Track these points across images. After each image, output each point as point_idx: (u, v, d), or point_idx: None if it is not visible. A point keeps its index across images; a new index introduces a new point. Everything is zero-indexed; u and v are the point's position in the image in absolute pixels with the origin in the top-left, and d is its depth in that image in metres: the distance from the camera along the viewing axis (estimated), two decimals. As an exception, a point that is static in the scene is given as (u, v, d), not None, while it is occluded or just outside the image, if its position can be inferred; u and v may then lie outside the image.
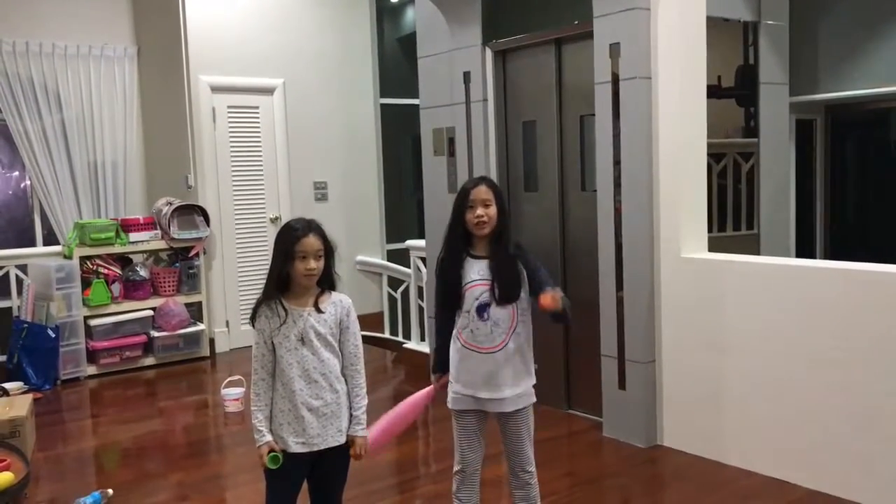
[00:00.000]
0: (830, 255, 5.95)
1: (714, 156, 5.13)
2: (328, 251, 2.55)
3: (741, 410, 3.84)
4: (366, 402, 2.64)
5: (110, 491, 3.76)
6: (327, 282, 2.59)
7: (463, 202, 2.73)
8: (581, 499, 3.66)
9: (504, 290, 2.68)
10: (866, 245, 5.97)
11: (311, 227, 2.53)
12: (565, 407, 4.80)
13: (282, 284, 2.55)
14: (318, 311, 2.55)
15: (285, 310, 2.53)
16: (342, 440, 2.59)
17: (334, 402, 2.56)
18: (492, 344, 2.70)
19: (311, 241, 2.49)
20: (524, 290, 2.72)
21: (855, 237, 6.10)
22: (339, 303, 2.60)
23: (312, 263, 2.49)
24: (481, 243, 2.74)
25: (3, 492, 3.40)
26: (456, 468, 2.85)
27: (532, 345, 2.80)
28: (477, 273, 2.71)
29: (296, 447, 2.53)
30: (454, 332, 2.77)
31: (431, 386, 2.91)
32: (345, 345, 2.61)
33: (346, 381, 2.62)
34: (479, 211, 2.68)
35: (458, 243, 2.76)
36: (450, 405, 2.82)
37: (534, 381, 2.80)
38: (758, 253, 5.30)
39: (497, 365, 2.71)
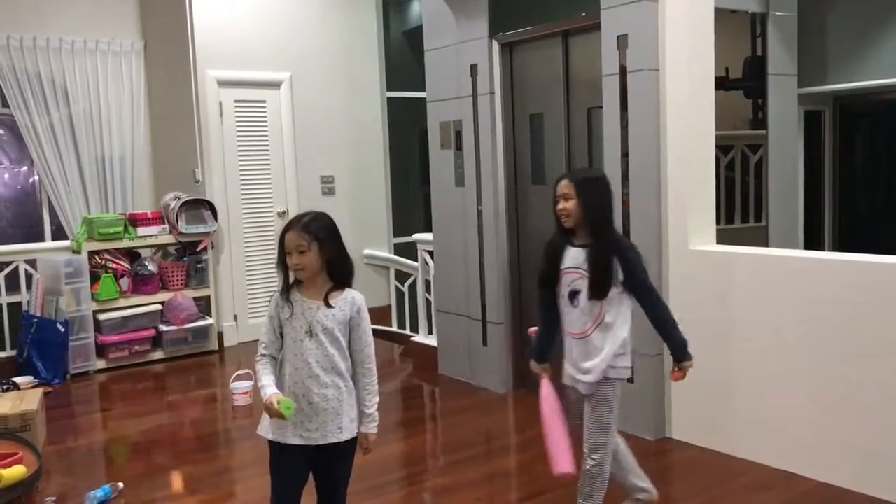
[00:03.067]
0: (839, 246, 5.93)
1: (722, 148, 5.11)
2: (322, 244, 2.51)
3: (750, 403, 3.83)
4: (377, 399, 2.64)
5: (120, 484, 3.78)
6: (339, 276, 2.59)
7: (554, 196, 2.89)
8: (590, 491, 3.66)
9: (593, 286, 2.81)
10: (875, 237, 5.94)
11: (295, 221, 2.53)
12: (573, 400, 4.80)
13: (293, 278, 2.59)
14: (328, 305, 2.56)
15: (291, 303, 2.55)
16: (343, 437, 2.57)
17: (335, 399, 2.56)
18: (580, 329, 2.88)
19: (290, 237, 2.51)
20: (616, 285, 2.82)
21: (863, 229, 6.08)
22: (349, 299, 2.58)
23: (295, 258, 2.50)
24: (580, 233, 2.86)
25: (15, 485, 3.42)
26: None
27: (627, 331, 2.90)
28: (572, 260, 2.86)
29: (293, 439, 2.54)
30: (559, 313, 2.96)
31: (543, 382, 3.06)
32: (355, 342, 2.60)
33: (357, 378, 2.62)
34: (560, 205, 2.84)
35: (560, 231, 2.92)
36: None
37: (624, 364, 2.91)
38: (766, 245, 5.28)
39: (583, 349, 2.88)
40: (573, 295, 2.85)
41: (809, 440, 3.62)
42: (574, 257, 2.85)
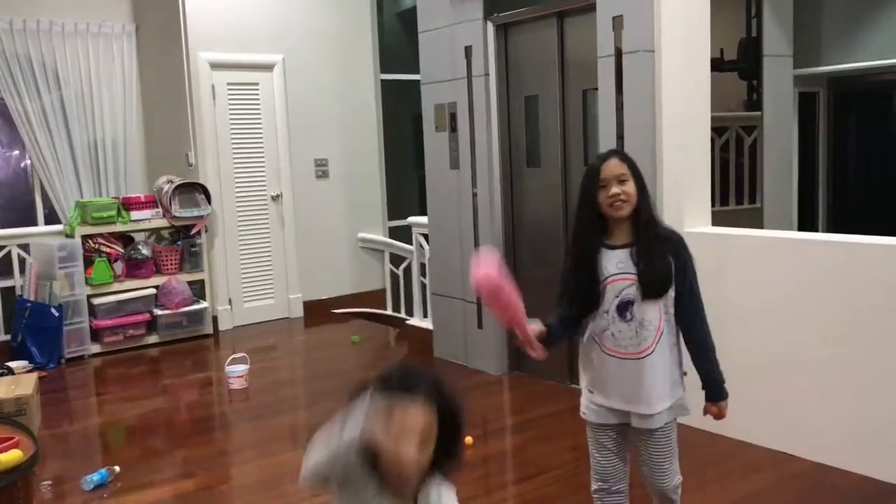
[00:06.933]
0: (832, 228, 5.94)
1: (716, 129, 5.11)
2: None
3: (743, 384, 3.82)
4: None
5: (117, 468, 3.79)
6: None
7: (592, 182, 2.31)
8: (586, 471, 3.67)
9: (652, 282, 2.30)
10: (868, 218, 5.95)
11: None
12: (568, 381, 4.82)
13: None
14: None
15: None
16: None
17: None
18: (638, 348, 2.33)
19: None
20: (672, 287, 2.34)
21: (857, 210, 6.09)
22: None
23: None
24: (619, 229, 2.33)
25: (12, 469, 3.42)
26: (594, 486, 2.55)
27: (680, 346, 2.44)
28: (616, 266, 2.31)
29: None
30: (588, 334, 2.40)
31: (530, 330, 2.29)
32: None
33: None
34: (615, 189, 2.28)
35: (591, 232, 2.34)
36: (585, 416, 2.49)
37: (683, 391, 2.47)
38: (761, 227, 5.29)
39: (646, 373, 2.35)
40: (624, 307, 2.31)
41: (803, 420, 3.64)
42: (617, 261, 2.31)
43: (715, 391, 2.46)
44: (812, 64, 5.59)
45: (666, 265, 2.32)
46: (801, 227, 5.76)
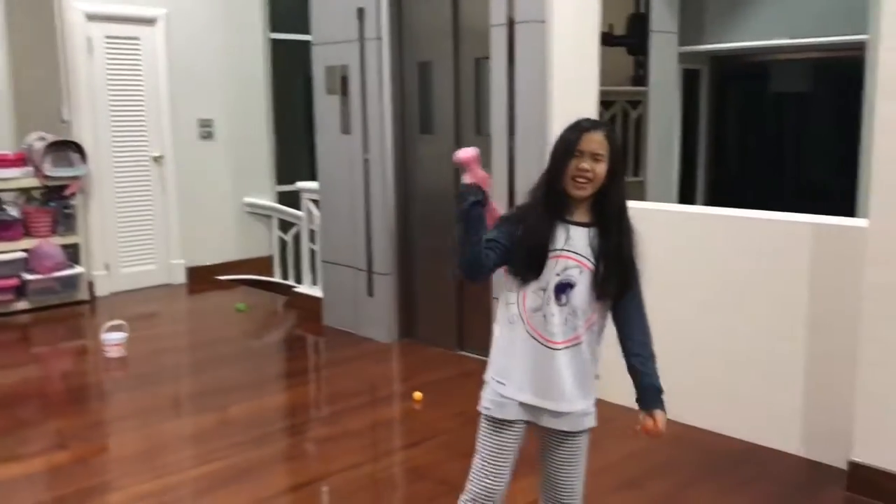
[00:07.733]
0: (711, 201, 6.20)
1: (604, 103, 5.22)
2: None
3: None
4: None
5: (-19, 441, 3.58)
6: None
7: (569, 149, 2.04)
8: (471, 435, 3.72)
9: (613, 277, 2.06)
10: (744, 193, 6.25)
11: None
12: (457, 348, 4.86)
13: None
14: None
15: None
16: None
17: None
18: (564, 337, 2.08)
19: None
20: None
21: (735, 184, 6.38)
22: None
23: None
24: (581, 207, 2.07)
25: None
26: (466, 497, 2.18)
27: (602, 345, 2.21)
28: (565, 241, 2.05)
29: None
30: (518, 309, 2.10)
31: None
32: None
33: None
34: (585, 164, 2.01)
35: (554, 199, 2.06)
36: (488, 411, 2.17)
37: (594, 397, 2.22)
38: (643, 199, 5.46)
39: (563, 366, 2.10)
40: (562, 289, 2.05)
41: (679, 386, 3.77)
42: (572, 238, 2.05)
43: (656, 398, 2.24)
44: (696, 42, 5.78)
45: (630, 262, 2.10)
46: (682, 200, 5.99)
